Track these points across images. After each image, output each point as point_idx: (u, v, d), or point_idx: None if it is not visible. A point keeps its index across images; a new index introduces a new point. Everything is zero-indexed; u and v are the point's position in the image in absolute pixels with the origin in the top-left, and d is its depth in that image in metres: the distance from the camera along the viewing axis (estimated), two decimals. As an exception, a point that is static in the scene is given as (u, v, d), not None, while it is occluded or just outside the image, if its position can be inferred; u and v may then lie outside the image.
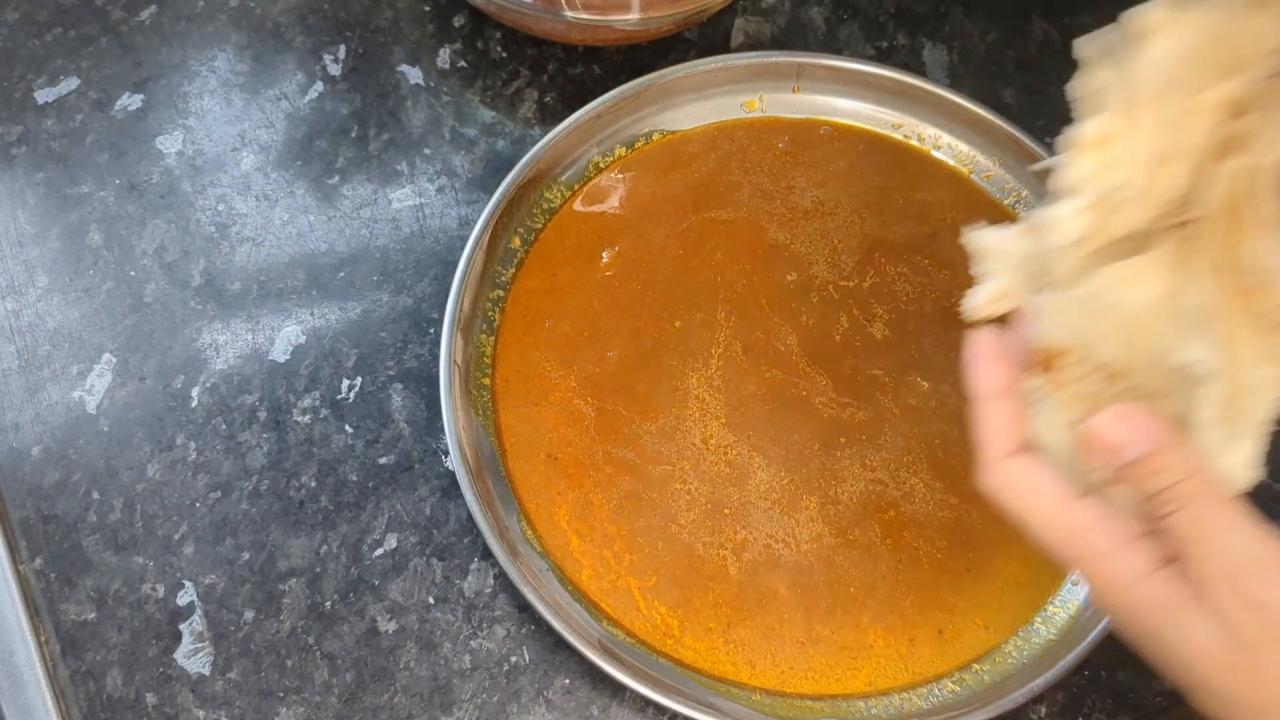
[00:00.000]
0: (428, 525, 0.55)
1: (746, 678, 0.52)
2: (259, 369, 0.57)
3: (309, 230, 0.61)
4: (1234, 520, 0.32)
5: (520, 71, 0.65)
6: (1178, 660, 0.33)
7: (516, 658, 0.52)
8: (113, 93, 0.63)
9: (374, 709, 0.51)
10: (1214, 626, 0.32)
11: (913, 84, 0.61)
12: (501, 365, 0.57)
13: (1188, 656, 0.33)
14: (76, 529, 0.54)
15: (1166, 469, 0.32)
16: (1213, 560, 0.32)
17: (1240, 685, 0.33)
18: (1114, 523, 0.34)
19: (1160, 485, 0.32)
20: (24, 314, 0.58)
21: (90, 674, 0.51)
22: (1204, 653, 0.33)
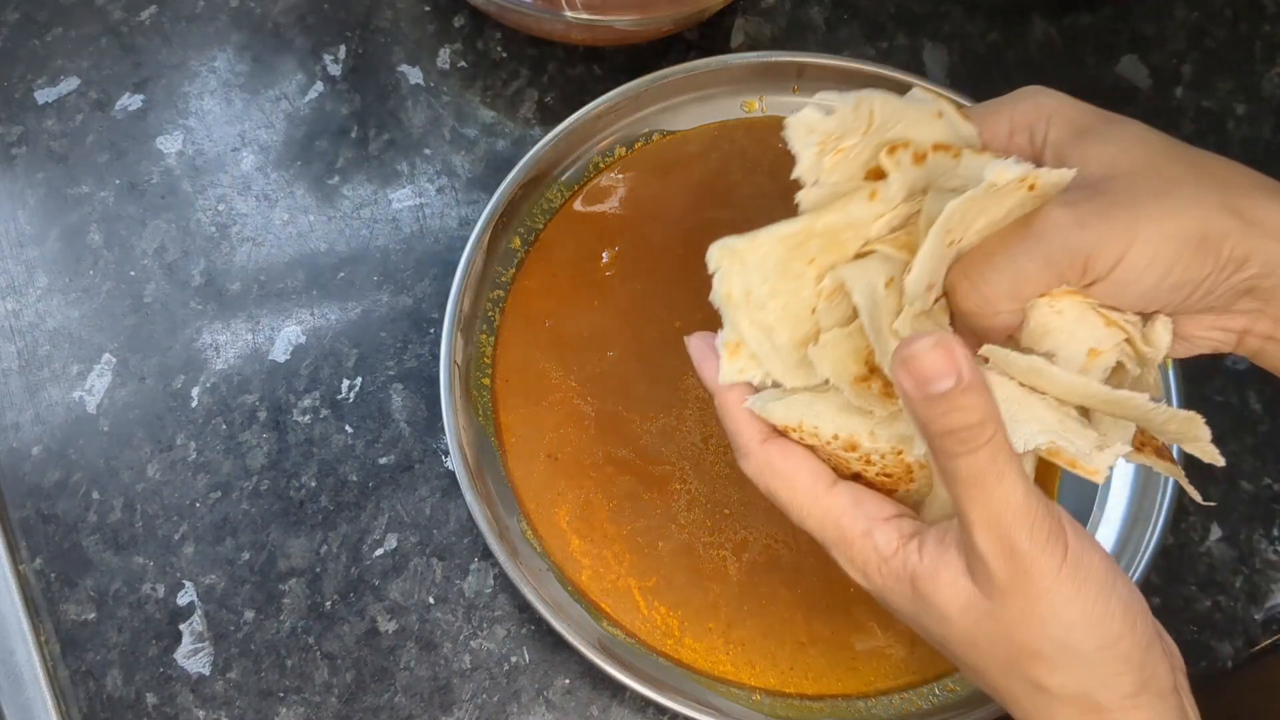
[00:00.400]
0: (428, 525, 0.55)
1: (746, 678, 0.52)
2: (259, 369, 0.57)
3: (309, 230, 0.61)
4: (1014, 474, 0.32)
5: (520, 72, 0.65)
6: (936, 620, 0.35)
7: (516, 658, 0.52)
8: (113, 93, 0.63)
9: (374, 709, 0.51)
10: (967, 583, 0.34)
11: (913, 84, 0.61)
12: (501, 365, 0.57)
13: (942, 612, 0.34)
14: (77, 529, 0.54)
15: (970, 408, 0.31)
16: (986, 508, 0.32)
17: (988, 638, 0.34)
18: (866, 506, 0.36)
19: (958, 424, 0.31)
20: (24, 314, 0.58)
21: (90, 674, 0.51)
22: (958, 606, 0.34)
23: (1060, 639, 0.33)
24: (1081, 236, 0.34)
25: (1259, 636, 0.55)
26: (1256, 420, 0.59)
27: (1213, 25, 0.69)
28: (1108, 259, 0.34)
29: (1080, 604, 0.33)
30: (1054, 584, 0.33)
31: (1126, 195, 0.34)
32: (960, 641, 0.35)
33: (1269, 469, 0.58)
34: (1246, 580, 0.56)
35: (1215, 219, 0.34)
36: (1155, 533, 0.53)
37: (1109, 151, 0.35)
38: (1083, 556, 0.34)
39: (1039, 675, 0.34)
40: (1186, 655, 0.54)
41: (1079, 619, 0.33)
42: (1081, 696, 0.34)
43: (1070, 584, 0.33)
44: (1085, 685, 0.34)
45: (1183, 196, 0.34)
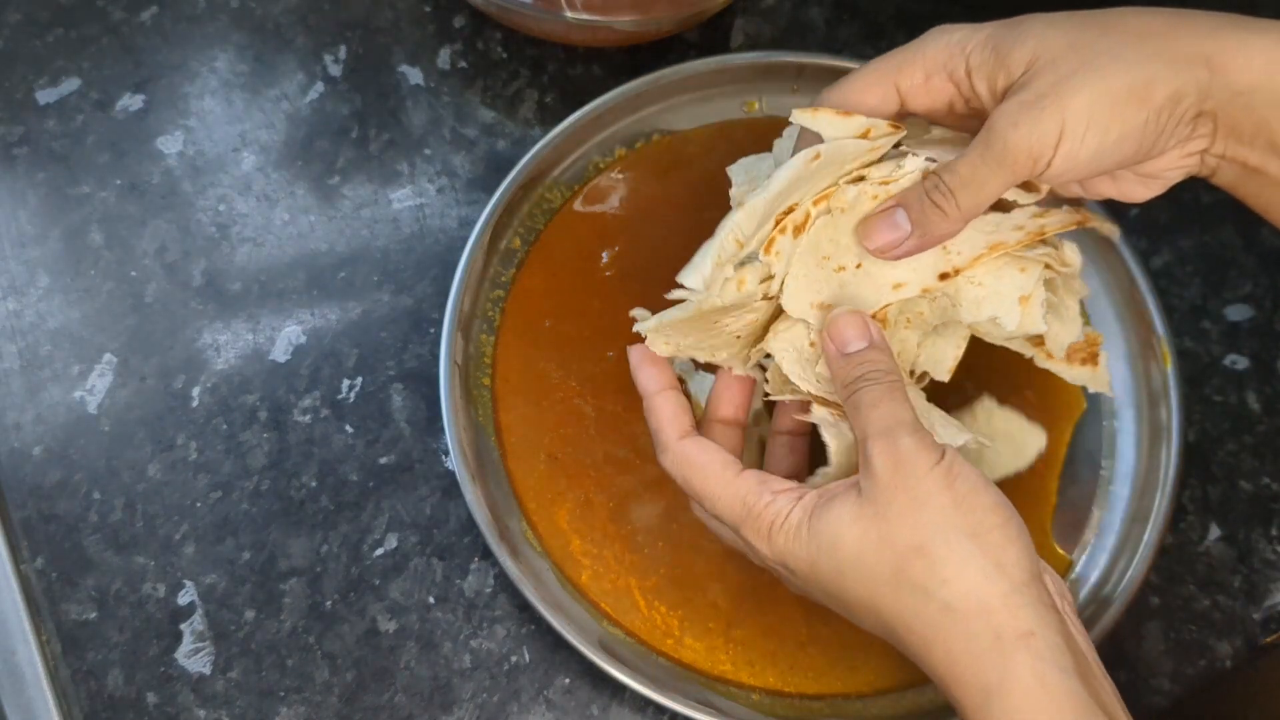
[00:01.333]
0: (428, 525, 0.55)
1: (746, 678, 0.52)
2: (259, 369, 0.58)
3: (309, 230, 0.61)
4: (905, 403, 0.39)
5: (520, 72, 0.65)
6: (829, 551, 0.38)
7: (516, 657, 0.52)
8: (114, 93, 0.63)
9: (374, 708, 0.51)
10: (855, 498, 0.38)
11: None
12: (501, 365, 0.57)
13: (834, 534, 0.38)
14: (77, 529, 0.54)
15: (874, 361, 0.39)
16: (880, 420, 0.38)
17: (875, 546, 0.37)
18: (769, 484, 0.40)
19: (864, 372, 0.39)
20: (25, 314, 0.58)
21: (91, 673, 0.52)
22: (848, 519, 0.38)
23: (936, 525, 0.37)
24: (1018, 134, 0.37)
25: (1258, 636, 0.55)
26: (1255, 420, 0.59)
27: (1213, 25, 0.69)
28: (1047, 144, 0.37)
29: (951, 494, 0.37)
30: (927, 475, 0.37)
31: (1050, 81, 0.37)
32: (852, 564, 0.37)
33: (1268, 469, 0.58)
34: (1245, 580, 0.56)
35: (1136, 70, 0.37)
36: (1155, 533, 0.53)
37: (1026, 51, 0.38)
38: (956, 464, 0.38)
39: (924, 574, 0.36)
40: (1186, 655, 0.54)
41: (950, 505, 0.37)
42: (967, 595, 0.36)
43: (943, 477, 0.37)
44: (967, 580, 0.36)
45: (1100, 62, 0.37)
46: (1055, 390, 0.57)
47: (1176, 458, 0.54)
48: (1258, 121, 0.37)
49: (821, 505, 0.39)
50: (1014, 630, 0.35)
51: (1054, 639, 0.36)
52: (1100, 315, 0.59)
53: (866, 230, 0.42)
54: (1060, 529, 0.55)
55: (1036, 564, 0.38)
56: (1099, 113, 0.37)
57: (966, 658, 0.36)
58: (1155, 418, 0.56)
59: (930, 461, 0.38)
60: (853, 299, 0.43)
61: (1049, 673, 0.35)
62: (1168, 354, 0.56)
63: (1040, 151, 0.38)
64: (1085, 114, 0.37)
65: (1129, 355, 0.58)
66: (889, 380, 0.39)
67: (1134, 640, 0.54)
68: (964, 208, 0.40)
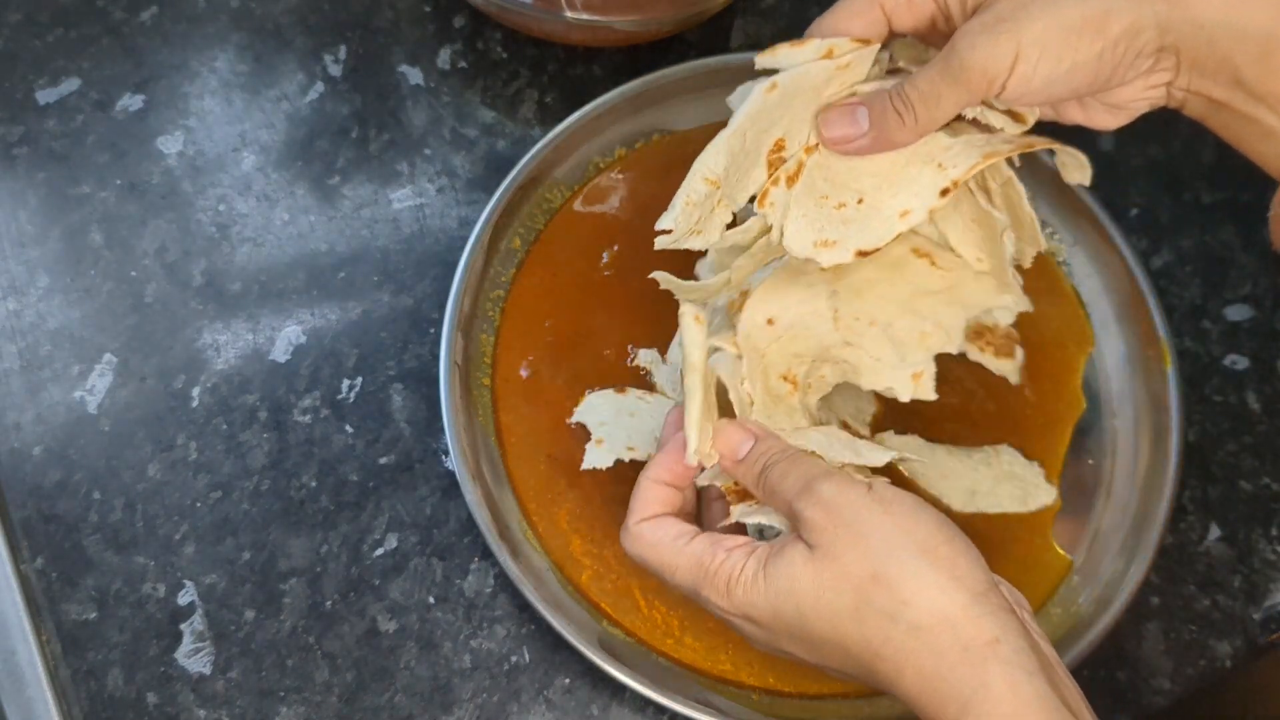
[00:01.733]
0: (428, 525, 0.55)
1: (746, 678, 0.52)
2: (259, 369, 0.58)
3: (309, 230, 0.61)
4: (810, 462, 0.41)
5: (520, 72, 0.65)
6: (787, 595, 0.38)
7: (517, 657, 0.52)
8: (114, 93, 0.63)
9: (374, 709, 0.51)
10: (804, 548, 0.39)
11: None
12: (501, 365, 0.57)
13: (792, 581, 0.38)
14: (78, 529, 0.54)
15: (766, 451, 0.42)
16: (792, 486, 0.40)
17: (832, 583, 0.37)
18: (722, 543, 0.41)
19: (764, 463, 0.41)
20: (25, 314, 0.58)
21: (91, 673, 0.52)
22: (800, 564, 0.38)
23: (885, 550, 0.37)
24: (974, 56, 0.39)
25: (1258, 636, 0.55)
26: (1255, 420, 0.59)
27: (1213, 25, 0.69)
28: (1002, 66, 0.38)
29: (891, 519, 0.38)
30: (863, 507, 0.38)
31: (1011, 6, 0.38)
32: (812, 604, 0.38)
33: (1268, 469, 0.58)
34: (1245, 580, 0.56)
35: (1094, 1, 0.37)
36: (1155, 533, 0.53)
37: None
38: (886, 491, 0.39)
39: (885, 599, 0.37)
40: (1186, 655, 0.54)
41: (894, 529, 0.38)
42: (929, 611, 0.36)
43: (878, 505, 0.38)
44: (927, 596, 0.36)
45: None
46: (1055, 391, 0.57)
47: (1176, 458, 0.54)
48: (1220, 57, 0.38)
49: (774, 555, 0.39)
50: (979, 639, 0.36)
51: (1018, 643, 0.36)
52: (1100, 315, 0.59)
53: (826, 119, 0.43)
54: (1060, 529, 0.55)
55: (989, 574, 0.38)
56: (1052, 41, 0.38)
57: (938, 674, 0.36)
58: (1155, 418, 0.56)
59: (859, 494, 0.39)
60: (860, 234, 0.43)
61: (1018, 677, 0.35)
62: (1168, 354, 0.56)
63: (995, 73, 0.39)
64: (1039, 41, 0.38)
65: (1129, 355, 0.58)
66: (787, 456, 0.41)
67: (1134, 640, 0.54)
68: (921, 120, 0.41)
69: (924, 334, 0.48)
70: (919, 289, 0.48)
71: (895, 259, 0.48)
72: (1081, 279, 0.60)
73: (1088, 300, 0.59)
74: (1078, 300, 0.60)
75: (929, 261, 0.48)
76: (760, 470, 0.42)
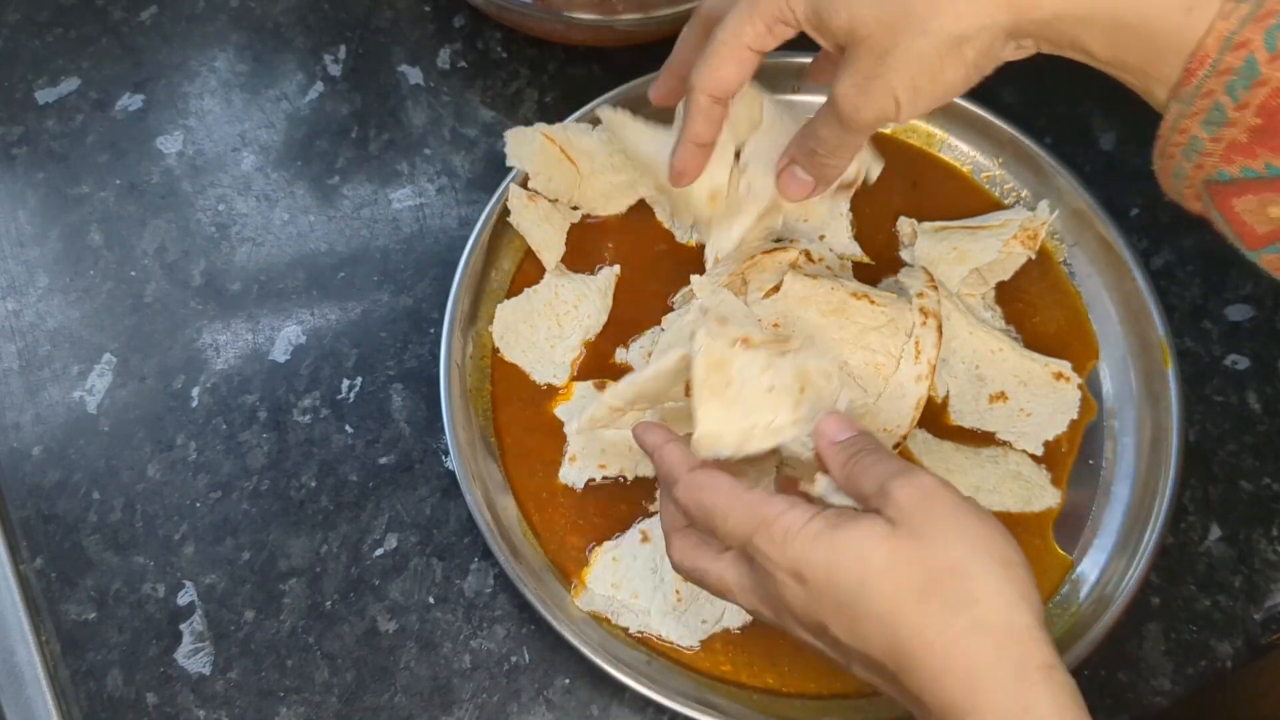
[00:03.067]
0: (428, 525, 0.55)
1: (746, 678, 0.52)
2: (259, 369, 0.57)
3: (309, 230, 0.61)
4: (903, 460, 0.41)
5: (520, 72, 0.65)
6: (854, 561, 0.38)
7: (516, 657, 0.52)
8: (113, 93, 0.63)
9: (374, 709, 0.51)
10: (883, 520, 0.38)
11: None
12: (501, 365, 0.57)
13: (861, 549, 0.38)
14: (77, 529, 0.54)
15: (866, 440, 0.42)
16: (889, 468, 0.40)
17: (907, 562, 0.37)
18: (780, 496, 0.41)
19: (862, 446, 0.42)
20: (25, 314, 0.58)
21: (91, 673, 0.52)
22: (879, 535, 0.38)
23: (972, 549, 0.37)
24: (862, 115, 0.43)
25: (1258, 636, 0.55)
26: (1256, 420, 0.59)
27: (1213, 25, 0.69)
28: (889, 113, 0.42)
29: (981, 525, 0.38)
30: (959, 505, 0.39)
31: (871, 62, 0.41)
32: (878, 575, 0.37)
33: (1268, 469, 0.58)
34: (1246, 580, 0.56)
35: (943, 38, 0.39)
36: (1155, 533, 0.53)
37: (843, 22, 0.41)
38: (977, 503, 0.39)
39: (956, 590, 0.37)
40: (1186, 655, 0.54)
41: (982, 534, 0.38)
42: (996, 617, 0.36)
43: (973, 509, 0.39)
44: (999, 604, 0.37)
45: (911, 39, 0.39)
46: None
47: (1176, 458, 0.54)
48: (1070, 37, 0.39)
49: (848, 520, 0.39)
50: (1037, 661, 0.36)
51: (1068, 677, 0.36)
52: (1100, 315, 0.59)
53: (782, 188, 0.49)
54: (1060, 529, 0.55)
55: None
56: (922, 81, 0.41)
57: (988, 680, 0.36)
58: (1155, 418, 0.56)
59: (956, 494, 0.39)
60: None
61: (1069, 707, 0.35)
62: (1168, 354, 0.56)
63: (885, 117, 0.43)
64: (910, 85, 0.41)
65: (1129, 355, 0.58)
66: (882, 448, 0.42)
67: (1134, 640, 0.54)
68: (842, 161, 0.47)
69: (878, 365, 0.53)
70: (864, 327, 0.54)
71: (837, 304, 0.54)
72: (1082, 279, 0.60)
73: (1088, 300, 0.59)
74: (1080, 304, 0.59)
75: (868, 301, 0.54)
76: (855, 452, 0.41)
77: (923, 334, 0.53)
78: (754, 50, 0.44)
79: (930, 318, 0.54)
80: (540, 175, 0.56)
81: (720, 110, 0.47)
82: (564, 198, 0.58)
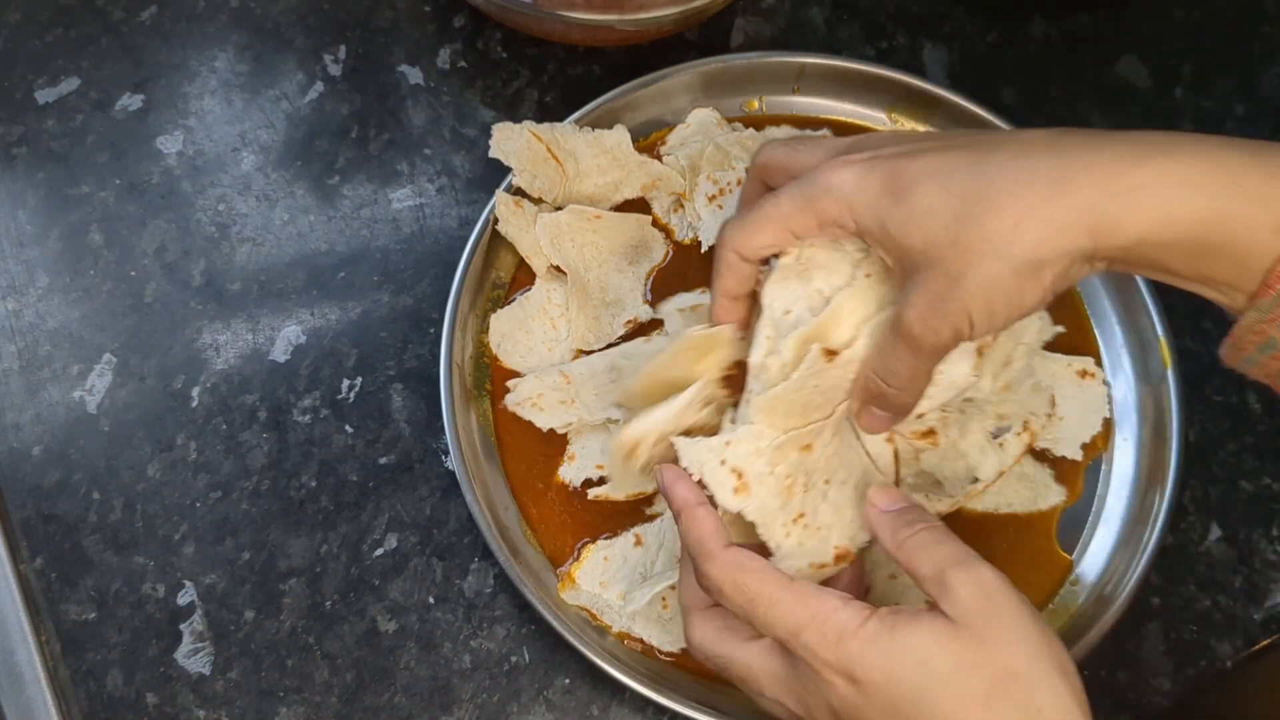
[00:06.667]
0: (428, 525, 0.55)
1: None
2: (259, 369, 0.57)
3: (309, 230, 0.61)
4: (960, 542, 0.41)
5: (520, 71, 0.65)
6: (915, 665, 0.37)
7: (516, 658, 0.52)
8: (113, 93, 0.63)
9: (374, 709, 0.51)
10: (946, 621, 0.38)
11: (912, 84, 0.61)
12: (501, 365, 0.57)
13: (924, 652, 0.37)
14: (77, 529, 0.54)
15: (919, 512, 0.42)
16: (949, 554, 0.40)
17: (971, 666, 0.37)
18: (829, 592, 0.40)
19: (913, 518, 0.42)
20: (24, 314, 0.58)
21: (91, 674, 0.52)
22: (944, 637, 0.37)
23: (1034, 655, 0.37)
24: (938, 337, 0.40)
25: (1259, 636, 0.55)
26: (1256, 420, 0.59)
27: (1212, 25, 0.69)
28: (963, 333, 0.40)
29: (1040, 629, 0.38)
30: (1020, 606, 0.38)
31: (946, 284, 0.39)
32: (943, 681, 0.37)
33: (1269, 469, 0.58)
34: (1246, 580, 0.56)
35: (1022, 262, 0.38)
36: (1155, 533, 0.53)
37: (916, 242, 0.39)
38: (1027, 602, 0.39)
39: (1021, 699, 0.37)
40: (1186, 655, 0.54)
41: (1042, 640, 0.38)
42: None
43: (1033, 612, 0.38)
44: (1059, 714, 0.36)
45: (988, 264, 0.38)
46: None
47: (1176, 458, 0.54)
48: (1151, 260, 0.38)
49: (905, 621, 0.38)
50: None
51: None
52: (1100, 315, 0.59)
53: (866, 427, 0.45)
54: (1061, 529, 0.55)
55: None
56: (999, 305, 0.39)
57: None
58: (1155, 418, 0.56)
59: (1016, 593, 0.39)
60: None
61: None
62: (1168, 354, 0.56)
63: (959, 339, 0.40)
64: (986, 309, 0.39)
65: (1129, 355, 0.58)
66: (940, 528, 0.41)
67: (1134, 640, 0.54)
68: (915, 396, 0.44)
69: None
70: None
71: None
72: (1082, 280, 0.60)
73: (1088, 300, 0.59)
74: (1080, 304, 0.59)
75: None
76: (911, 526, 0.41)
77: None
78: (795, 235, 0.43)
79: None
80: (526, 173, 0.56)
81: (750, 269, 0.45)
82: (549, 197, 0.58)
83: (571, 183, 0.58)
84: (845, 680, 0.38)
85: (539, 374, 0.55)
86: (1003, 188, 0.38)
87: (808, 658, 0.39)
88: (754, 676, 0.41)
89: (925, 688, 0.37)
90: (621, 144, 0.59)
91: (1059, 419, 0.55)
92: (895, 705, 0.37)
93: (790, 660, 0.40)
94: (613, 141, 0.59)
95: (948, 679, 0.37)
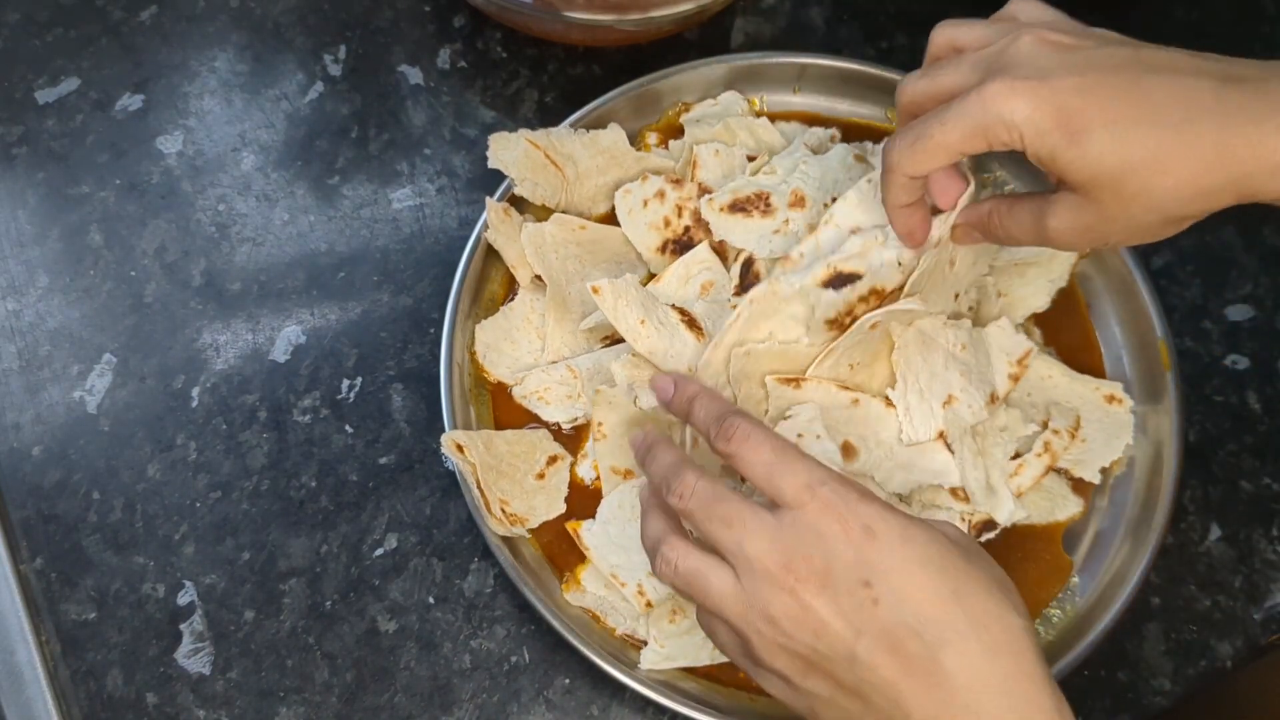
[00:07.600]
0: (428, 525, 0.55)
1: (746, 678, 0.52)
2: (259, 369, 0.57)
3: (309, 230, 0.61)
4: None
5: (520, 72, 0.65)
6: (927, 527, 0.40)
7: (516, 658, 0.52)
8: (113, 93, 0.63)
9: (374, 709, 0.51)
10: None
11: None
12: (498, 368, 0.57)
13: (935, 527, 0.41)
14: (77, 529, 0.54)
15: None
16: None
17: None
18: None
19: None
20: (25, 314, 0.58)
21: (91, 674, 0.52)
22: None
23: None
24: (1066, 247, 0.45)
25: (1259, 636, 0.55)
26: (1256, 420, 0.59)
27: (1213, 25, 0.69)
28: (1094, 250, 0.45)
29: None
30: None
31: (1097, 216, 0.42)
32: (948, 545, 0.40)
33: (1269, 469, 0.58)
34: (1246, 580, 0.56)
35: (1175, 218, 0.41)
36: (1155, 533, 0.53)
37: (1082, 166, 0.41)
38: None
39: None
40: (1186, 655, 0.54)
41: None
42: None
43: None
44: None
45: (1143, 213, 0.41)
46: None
47: (1176, 458, 0.54)
48: None
49: None
50: None
51: None
52: (1100, 315, 0.59)
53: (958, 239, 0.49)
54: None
55: None
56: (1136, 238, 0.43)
57: None
58: (1155, 418, 0.56)
59: None
60: None
61: None
62: (1168, 354, 0.56)
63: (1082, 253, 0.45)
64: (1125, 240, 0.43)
65: (1129, 355, 0.58)
66: None
67: (1134, 640, 0.54)
68: None
69: None
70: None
71: None
72: (1082, 280, 0.60)
73: (1088, 301, 0.59)
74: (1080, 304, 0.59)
75: None
76: None
77: None
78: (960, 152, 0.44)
79: None
80: (526, 181, 0.56)
81: (920, 183, 0.46)
82: (551, 203, 0.57)
83: (573, 186, 0.58)
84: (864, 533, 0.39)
85: (546, 368, 0.55)
86: (1171, 150, 0.40)
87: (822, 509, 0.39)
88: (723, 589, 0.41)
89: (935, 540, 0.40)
90: (618, 142, 0.59)
91: (1082, 441, 0.55)
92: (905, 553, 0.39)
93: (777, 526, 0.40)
94: (609, 141, 0.58)
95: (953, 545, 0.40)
